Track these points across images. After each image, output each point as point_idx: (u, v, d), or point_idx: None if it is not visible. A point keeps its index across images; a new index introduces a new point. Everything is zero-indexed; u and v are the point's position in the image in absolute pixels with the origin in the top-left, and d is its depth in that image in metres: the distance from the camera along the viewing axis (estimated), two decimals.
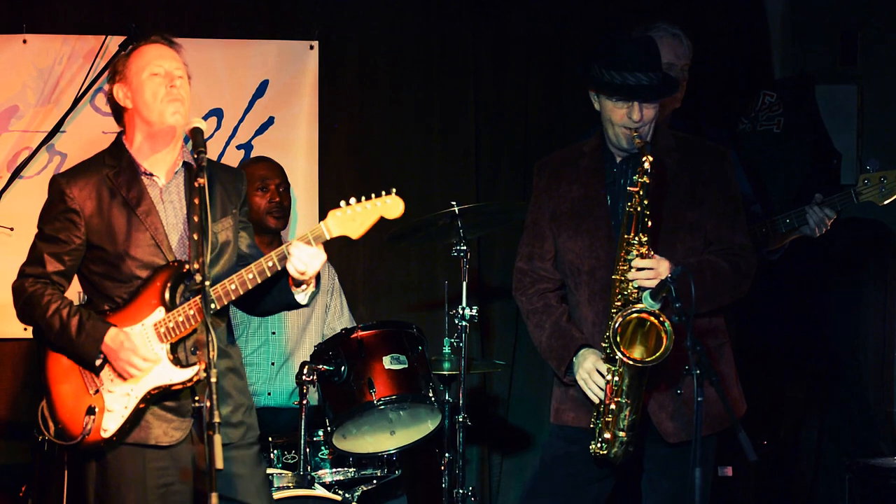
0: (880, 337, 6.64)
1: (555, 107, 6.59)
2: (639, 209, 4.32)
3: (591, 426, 4.46)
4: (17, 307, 4.32)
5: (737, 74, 6.72)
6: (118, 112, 4.35)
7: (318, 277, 4.33)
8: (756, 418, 4.73)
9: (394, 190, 4.25)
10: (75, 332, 4.19)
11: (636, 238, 4.33)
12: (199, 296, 4.01)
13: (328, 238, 4.22)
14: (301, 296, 4.33)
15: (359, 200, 4.22)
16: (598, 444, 4.43)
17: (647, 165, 4.29)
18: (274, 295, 4.36)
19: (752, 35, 6.85)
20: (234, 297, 4.23)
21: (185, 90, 4.28)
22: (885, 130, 6.53)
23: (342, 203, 4.22)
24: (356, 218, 4.22)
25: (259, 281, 4.22)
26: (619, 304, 4.37)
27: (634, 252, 4.33)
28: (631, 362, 4.28)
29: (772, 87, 6.69)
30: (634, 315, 4.31)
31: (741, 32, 6.80)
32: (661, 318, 4.26)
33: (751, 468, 5.92)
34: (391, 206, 4.25)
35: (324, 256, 4.24)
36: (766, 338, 6.27)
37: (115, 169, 4.29)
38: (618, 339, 4.30)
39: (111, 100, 4.34)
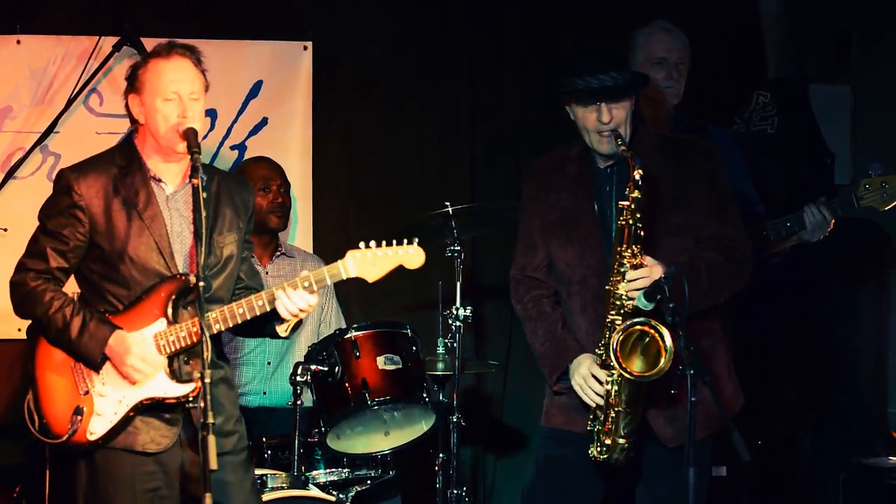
0: (875, 337, 6.65)
1: (551, 107, 6.54)
2: (630, 222, 4.31)
3: (588, 429, 4.46)
4: (16, 301, 4.28)
5: (730, 74, 6.72)
6: (132, 116, 4.30)
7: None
8: (751, 418, 4.72)
9: (416, 240, 4.22)
10: (77, 332, 4.16)
11: (628, 250, 4.33)
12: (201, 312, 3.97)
13: (344, 278, 4.19)
14: (282, 328, 4.33)
15: (379, 245, 4.18)
16: (599, 450, 4.43)
17: (637, 177, 4.28)
18: (258, 325, 4.33)
19: (746, 35, 6.85)
20: (223, 328, 4.21)
21: (198, 112, 4.22)
22: (878, 130, 6.53)
23: (362, 245, 4.18)
24: (376, 263, 4.18)
25: (249, 317, 4.20)
26: (613, 314, 4.35)
27: (627, 263, 4.32)
28: (629, 376, 4.27)
29: (766, 88, 6.69)
30: (637, 328, 4.29)
31: (735, 32, 6.80)
32: (661, 331, 4.23)
33: (745, 468, 5.91)
34: (413, 256, 4.22)
35: (315, 301, 4.22)
36: (762, 338, 6.27)
37: (125, 169, 4.26)
38: (618, 352, 4.27)
39: (126, 106, 4.29)
